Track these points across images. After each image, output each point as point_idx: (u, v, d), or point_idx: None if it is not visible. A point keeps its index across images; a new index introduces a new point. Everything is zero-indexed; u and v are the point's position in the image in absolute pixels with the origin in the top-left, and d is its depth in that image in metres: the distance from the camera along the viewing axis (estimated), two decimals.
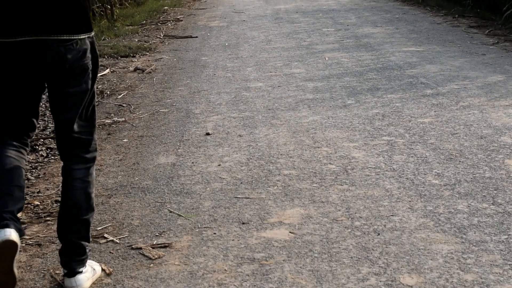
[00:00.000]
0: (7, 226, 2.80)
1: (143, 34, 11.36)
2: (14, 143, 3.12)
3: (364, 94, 6.48)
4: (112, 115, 6.14)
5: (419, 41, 9.30)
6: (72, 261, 3.20)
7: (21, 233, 2.89)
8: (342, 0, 14.70)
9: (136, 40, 10.65)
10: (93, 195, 3.25)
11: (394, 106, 5.97)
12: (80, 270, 3.21)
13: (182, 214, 3.95)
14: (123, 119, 6.09)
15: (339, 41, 9.62)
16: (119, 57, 9.31)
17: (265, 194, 4.19)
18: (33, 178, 4.76)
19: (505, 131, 5.13)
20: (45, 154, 5.28)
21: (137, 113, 6.24)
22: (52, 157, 5.16)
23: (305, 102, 6.33)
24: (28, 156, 5.23)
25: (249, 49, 9.38)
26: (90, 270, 3.28)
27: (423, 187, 4.14)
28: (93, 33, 3.14)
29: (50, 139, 5.54)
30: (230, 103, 6.45)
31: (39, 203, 4.28)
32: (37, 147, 5.42)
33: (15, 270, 2.85)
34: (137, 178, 4.59)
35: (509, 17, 10.41)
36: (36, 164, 5.07)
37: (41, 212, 4.14)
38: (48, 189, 4.52)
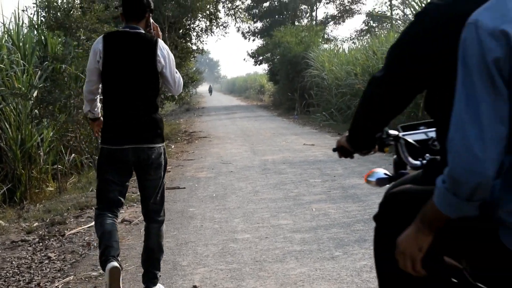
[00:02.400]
0: (112, 261, 4.60)
1: (131, 185, 11.40)
2: (111, 215, 4.97)
3: (351, 246, 6.47)
4: (99, 267, 6.07)
5: None
6: (148, 281, 5.18)
7: (120, 267, 4.65)
8: (329, 151, 14.93)
9: None
10: (163, 243, 5.25)
11: None
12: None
13: None
14: None
15: (326, 192, 9.70)
16: None
17: None
18: None
19: None
20: None
21: (124, 266, 6.19)
22: None
23: (292, 253, 6.32)
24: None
25: (237, 200, 9.44)
26: None
27: None
28: (164, 144, 5.12)
29: None
30: (218, 255, 6.43)
31: None
32: None
33: None
34: None
35: None
36: None
37: None
38: None
